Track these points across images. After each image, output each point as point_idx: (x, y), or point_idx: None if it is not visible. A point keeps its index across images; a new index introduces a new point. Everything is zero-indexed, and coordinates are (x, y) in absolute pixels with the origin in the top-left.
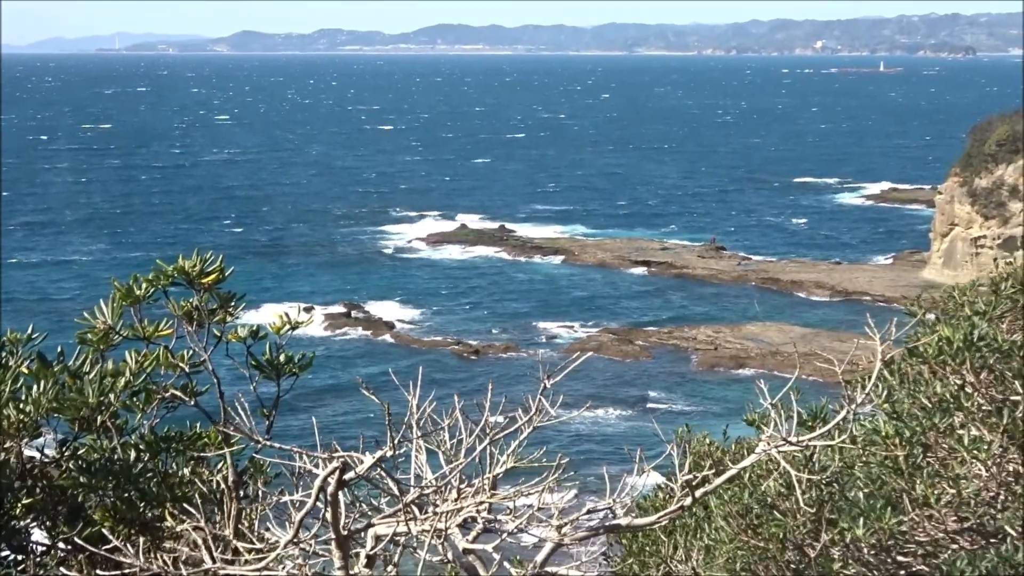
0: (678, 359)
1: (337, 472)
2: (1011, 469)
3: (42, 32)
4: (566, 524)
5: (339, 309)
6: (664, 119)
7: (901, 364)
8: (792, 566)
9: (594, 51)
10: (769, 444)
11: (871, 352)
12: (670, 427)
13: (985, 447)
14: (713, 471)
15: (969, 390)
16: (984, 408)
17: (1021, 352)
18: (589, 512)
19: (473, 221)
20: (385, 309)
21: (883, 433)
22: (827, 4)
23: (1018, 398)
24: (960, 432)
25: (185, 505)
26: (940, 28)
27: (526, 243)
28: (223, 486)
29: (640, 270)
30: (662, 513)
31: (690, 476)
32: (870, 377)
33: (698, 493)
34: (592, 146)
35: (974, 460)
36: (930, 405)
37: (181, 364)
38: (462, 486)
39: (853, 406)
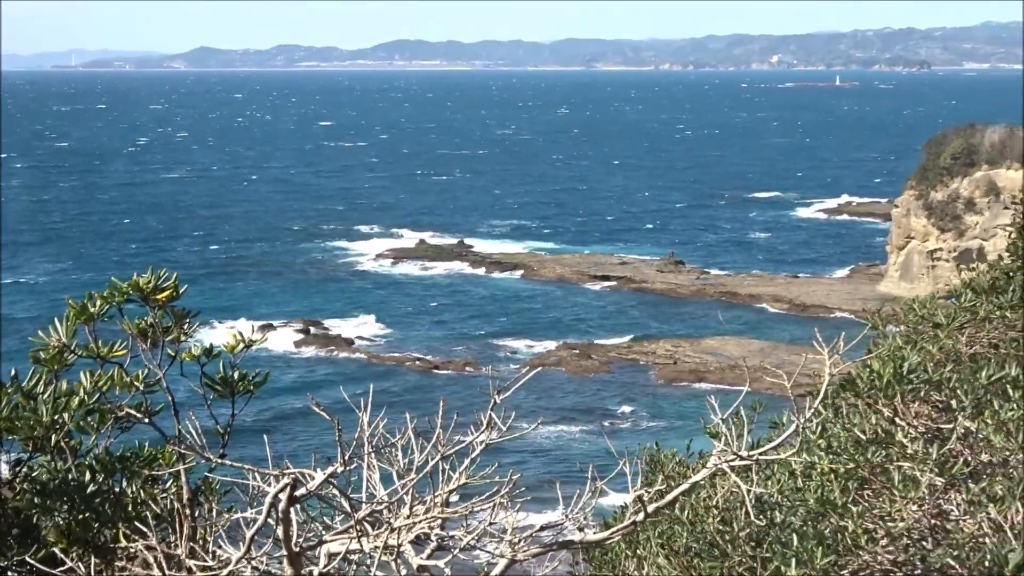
0: (637, 374)
1: (288, 489)
2: (941, 503)
3: None
4: (520, 540)
5: (298, 326)
6: (623, 134)
7: (834, 397)
8: None
9: (552, 66)
10: (720, 459)
11: (823, 366)
12: (630, 442)
13: (915, 485)
14: (666, 485)
15: (901, 422)
16: (917, 439)
17: (951, 384)
18: (543, 528)
19: (432, 237)
20: (344, 326)
21: (819, 468)
22: (783, 19)
23: (952, 427)
24: (891, 467)
25: (138, 524)
26: (895, 42)
27: (485, 259)
28: (177, 505)
29: (599, 285)
30: (614, 529)
31: (642, 491)
32: (816, 394)
33: (651, 508)
34: (551, 161)
35: (906, 497)
36: (864, 438)
37: (136, 383)
38: (415, 503)
39: (802, 420)
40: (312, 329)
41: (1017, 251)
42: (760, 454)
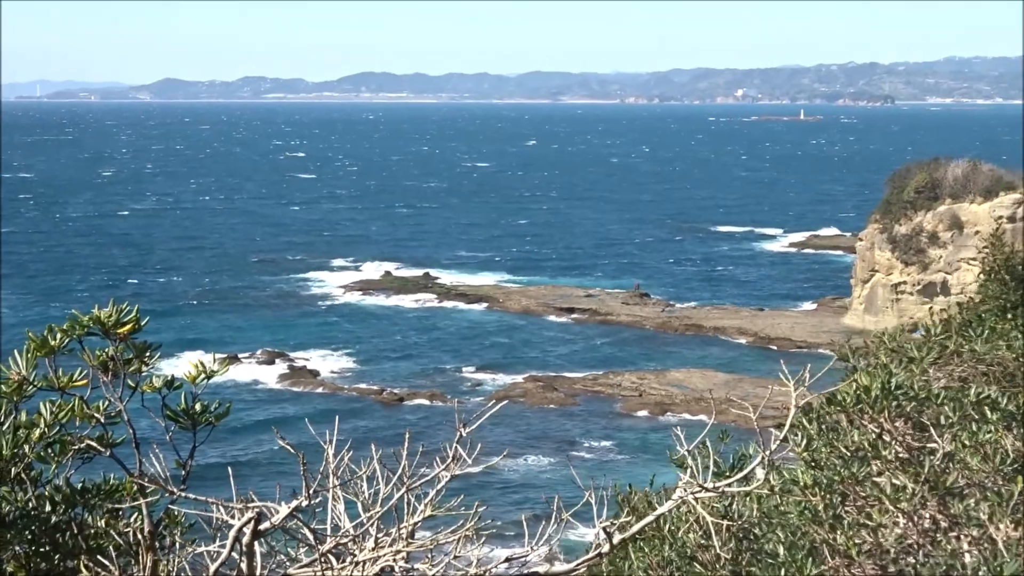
0: (603, 406)
1: (252, 522)
2: (929, 517)
3: None
4: (485, 573)
5: (264, 358)
6: (589, 166)
7: (820, 412)
8: None
9: (518, 99)
10: (686, 490)
11: (788, 398)
12: (596, 473)
13: (905, 496)
14: (631, 517)
15: (887, 438)
16: (901, 456)
17: (938, 400)
18: (508, 560)
19: (398, 269)
20: (310, 358)
21: (801, 483)
22: (747, 54)
23: (935, 445)
24: (879, 480)
25: (100, 558)
26: (859, 77)
27: (451, 291)
28: (139, 537)
29: (565, 317)
30: (580, 560)
31: (607, 523)
32: (784, 425)
33: (616, 539)
34: (518, 193)
35: (895, 509)
36: (848, 454)
37: (96, 415)
38: (379, 535)
39: (767, 452)
40: (278, 361)
41: (987, 293)
42: (725, 485)
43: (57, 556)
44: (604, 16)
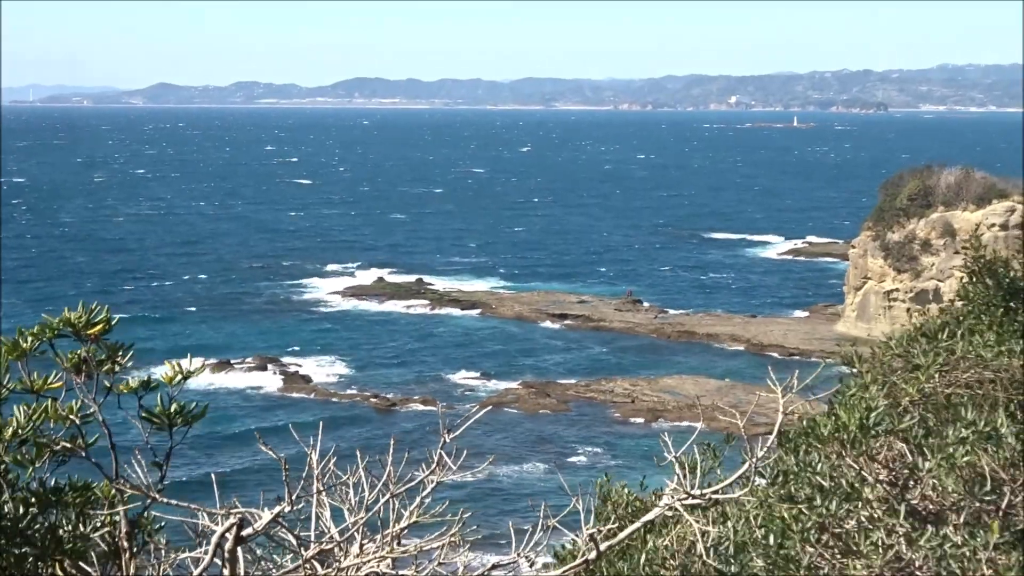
0: (595, 412)
1: (235, 528)
2: (905, 554)
3: None
4: None
5: (256, 363)
6: (582, 173)
7: (796, 443)
8: None
9: (512, 105)
10: (673, 497)
11: (777, 404)
12: (588, 480)
13: (881, 554)
14: (618, 524)
15: (867, 475)
16: (880, 496)
17: (915, 440)
18: (495, 567)
19: (391, 274)
20: (302, 363)
21: (780, 517)
22: (741, 60)
23: (914, 485)
24: (856, 519)
25: (80, 564)
26: (852, 84)
27: (443, 296)
28: (115, 540)
29: (557, 323)
30: (567, 567)
31: (594, 530)
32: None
33: (603, 546)
34: (510, 200)
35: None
36: (827, 486)
37: (71, 416)
38: (364, 541)
39: (755, 460)
40: (269, 366)
41: (968, 296)
42: (712, 493)
43: (31, 559)
44: (597, 22)
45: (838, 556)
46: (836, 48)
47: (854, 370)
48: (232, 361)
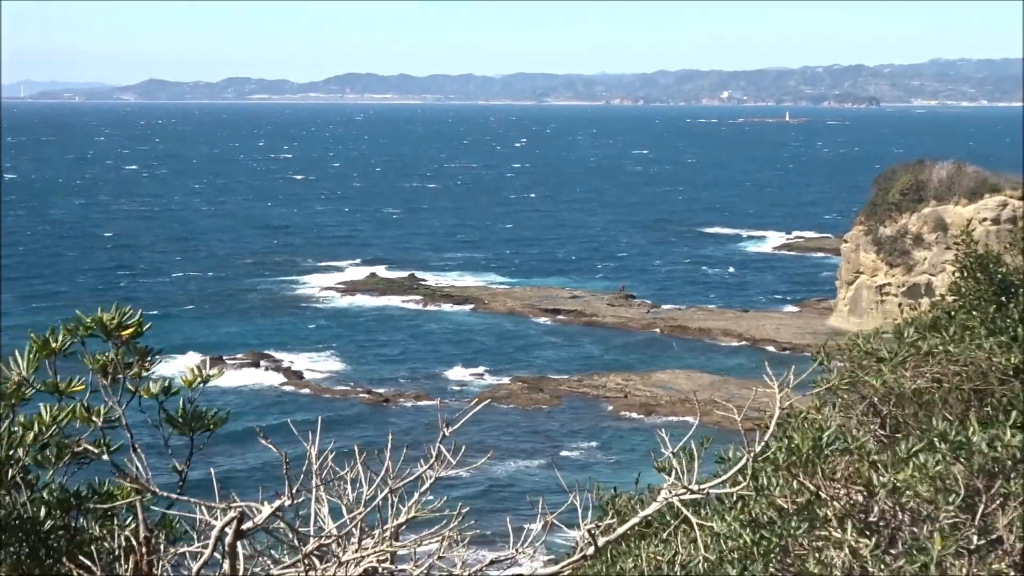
0: (588, 407)
1: (234, 522)
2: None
3: None
4: (469, 574)
5: (249, 359)
6: (575, 168)
7: (754, 469)
8: None
9: (503, 100)
10: (671, 493)
11: (773, 399)
12: (581, 475)
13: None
14: (616, 520)
15: (823, 496)
16: (839, 514)
17: (868, 457)
18: (493, 562)
19: (383, 270)
20: (294, 358)
21: (743, 541)
22: (733, 55)
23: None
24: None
25: (84, 560)
26: (844, 79)
27: (436, 292)
28: (132, 541)
29: (550, 319)
30: (566, 562)
31: (592, 525)
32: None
33: (601, 542)
34: (503, 196)
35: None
36: (786, 507)
37: (95, 419)
38: (363, 536)
39: (751, 455)
40: (262, 362)
41: (959, 290)
42: (710, 488)
43: (49, 561)
44: (589, 17)
45: None
46: (828, 43)
47: (822, 367)
48: (225, 357)
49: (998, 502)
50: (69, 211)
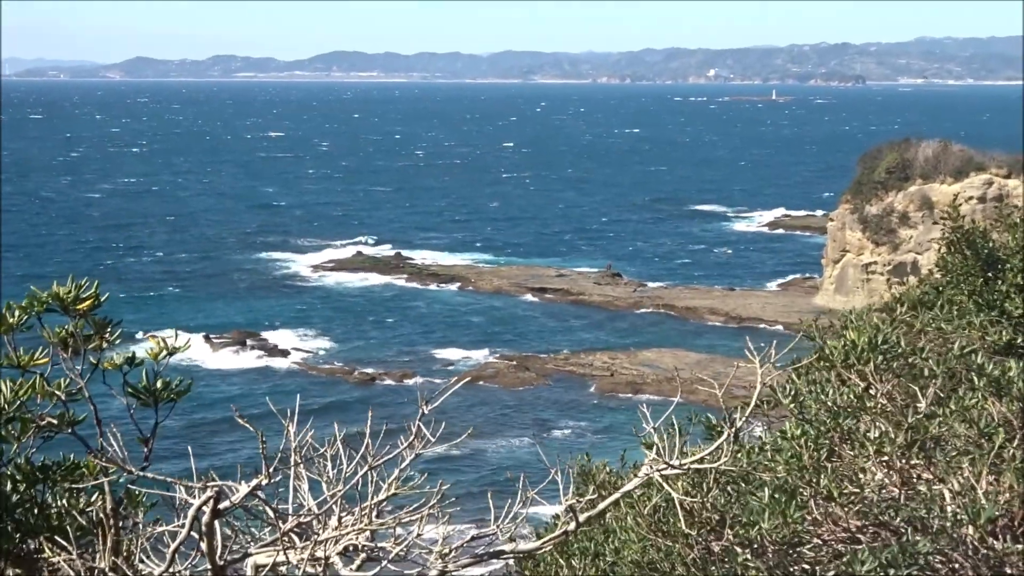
0: (575, 385)
1: (211, 501)
2: (910, 467)
3: None
4: (450, 551)
5: (234, 337)
6: (562, 147)
7: (809, 368)
8: (697, 563)
9: (490, 79)
10: (652, 468)
11: (756, 375)
12: (568, 453)
13: (888, 444)
14: (597, 495)
15: (872, 391)
16: (887, 409)
17: (923, 354)
18: (473, 539)
19: (369, 248)
20: (280, 337)
21: (789, 434)
22: (720, 33)
23: (920, 404)
24: (866, 431)
25: (58, 538)
26: (831, 57)
27: (423, 270)
28: (100, 517)
29: (536, 297)
30: (547, 538)
31: (573, 501)
32: (750, 403)
33: (582, 517)
34: (492, 174)
35: (877, 456)
36: (836, 408)
37: (57, 392)
38: (343, 514)
39: (733, 429)
40: (248, 340)
41: (946, 266)
42: (691, 463)
43: (18, 535)
44: None
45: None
46: (815, 21)
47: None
48: (211, 336)
49: None
50: (56, 190)
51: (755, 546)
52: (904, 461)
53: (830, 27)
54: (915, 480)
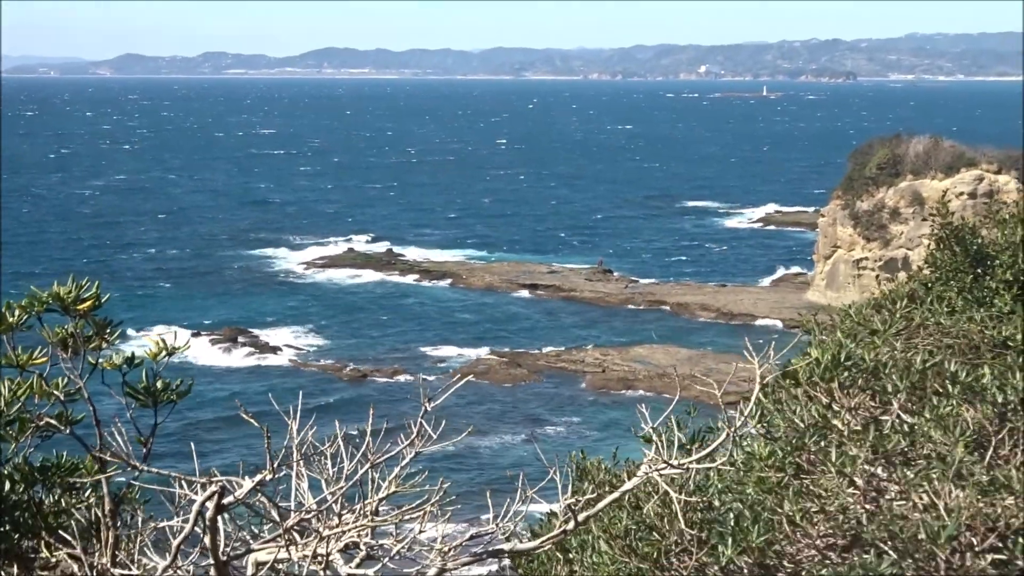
0: (567, 382)
1: (215, 497)
2: (876, 483)
3: None
4: (450, 549)
5: (226, 335)
6: (554, 143)
7: (775, 388)
8: None
9: (481, 75)
10: (650, 467)
11: (752, 373)
12: (560, 450)
13: (850, 463)
14: (596, 494)
15: (837, 408)
16: (852, 427)
17: (886, 369)
18: (473, 537)
19: (361, 245)
20: (272, 334)
21: (758, 455)
22: (710, 30)
23: (886, 419)
24: (829, 450)
25: (61, 534)
26: (821, 53)
27: (414, 267)
28: (99, 514)
29: (528, 293)
30: (545, 537)
31: (572, 500)
32: (749, 400)
33: (581, 516)
34: (483, 171)
35: (841, 475)
36: (802, 425)
37: (56, 392)
38: (344, 511)
39: (732, 429)
40: (240, 338)
41: (935, 263)
42: (691, 462)
43: (16, 535)
44: None
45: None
46: (805, 17)
47: (812, 338)
48: (204, 333)
49: (1009, 445)
50: (47, 187)
51: (726, 570)
52: (865, 477)
53: (821, 23)
54: (882, 496)
